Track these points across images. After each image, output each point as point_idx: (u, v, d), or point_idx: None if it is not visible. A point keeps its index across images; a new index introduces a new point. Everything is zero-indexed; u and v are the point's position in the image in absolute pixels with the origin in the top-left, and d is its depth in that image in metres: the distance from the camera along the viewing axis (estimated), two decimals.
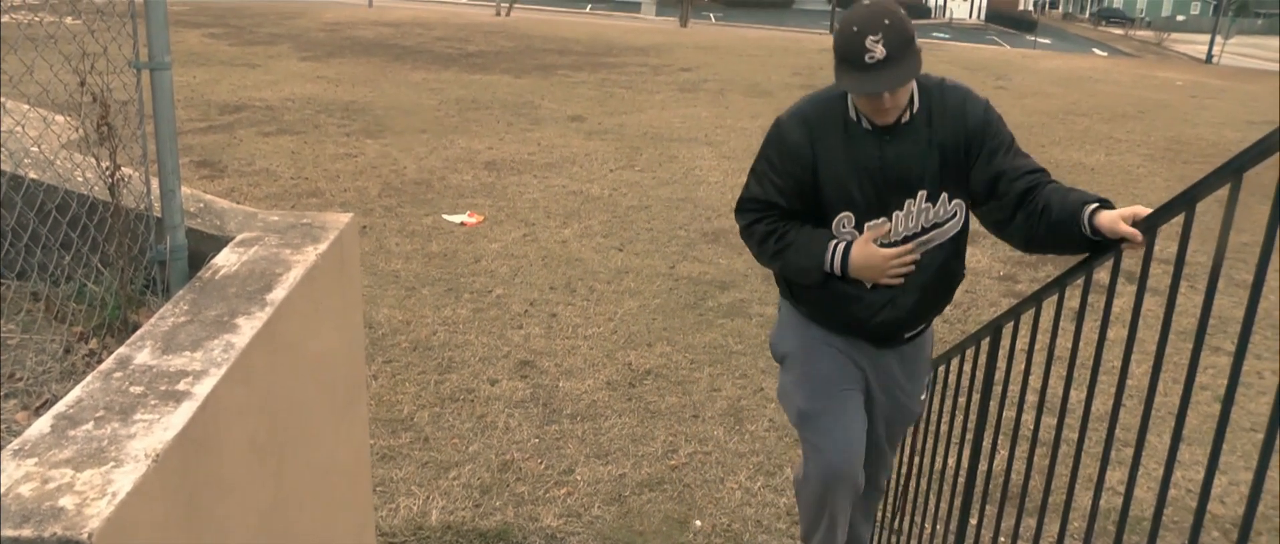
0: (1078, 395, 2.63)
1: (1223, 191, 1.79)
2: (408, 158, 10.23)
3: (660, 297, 6.66)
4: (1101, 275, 2.39)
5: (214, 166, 9.39)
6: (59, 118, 2.45)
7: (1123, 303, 2.07)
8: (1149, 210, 2.18)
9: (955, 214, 2.74)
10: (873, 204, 2.71)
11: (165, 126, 2.32)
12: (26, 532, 1.23)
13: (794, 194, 2.77)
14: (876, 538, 3.75)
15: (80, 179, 2.44)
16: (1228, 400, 1.70)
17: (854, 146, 2.69)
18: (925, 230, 2.74)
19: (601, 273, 7.07)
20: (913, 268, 2.75)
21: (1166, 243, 2.08)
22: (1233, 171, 1.74)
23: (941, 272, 2.82)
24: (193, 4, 24.21)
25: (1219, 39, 47.96)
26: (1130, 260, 2.31)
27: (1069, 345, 2.48)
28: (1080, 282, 2.43)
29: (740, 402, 5.18)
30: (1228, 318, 5.74)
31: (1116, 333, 2.19)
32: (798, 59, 22.09)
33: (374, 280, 6.60)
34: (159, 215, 2.40)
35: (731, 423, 4.94)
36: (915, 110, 2.68)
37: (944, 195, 2.71)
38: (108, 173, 2.25)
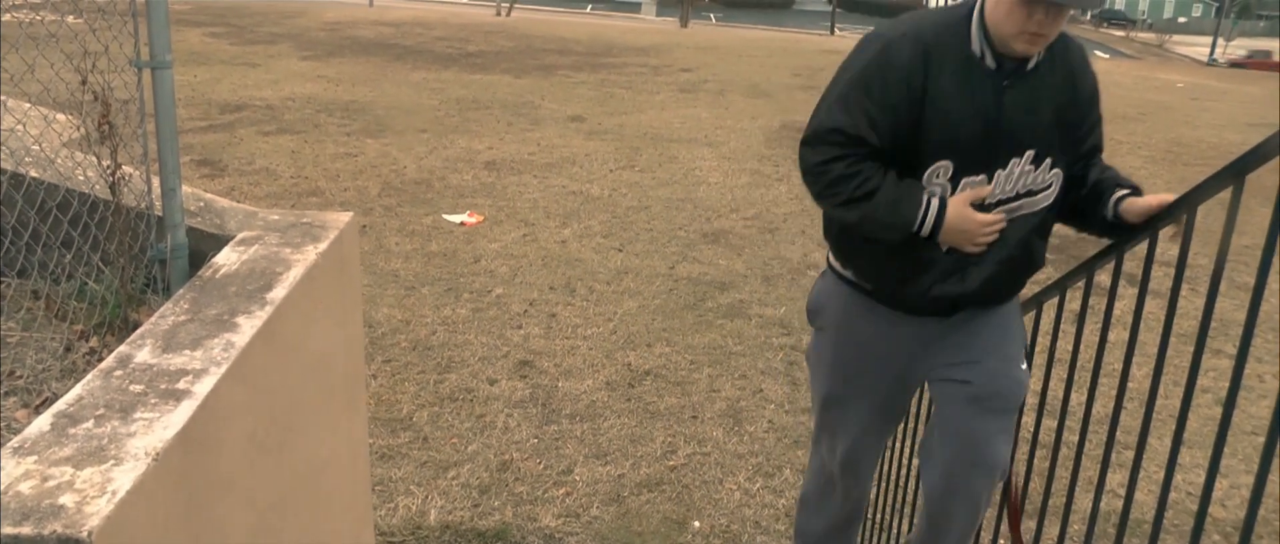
0: (1078, 398, 2.63)
1: (1224, 194, 1.79)
2: (408, 157, 10.23)
3: (660, 297, 6.66)
4: (1103, 278, 2.39)
5: (214, 165, 9.39)
6: (60, 116, 2.45)
7: (1124, 305, 2.06)
8: (1174, 197, 2.10)
9: (1051, 184, 2.41)
10: (977, 157, 2.33)
11: (166, 125, 2.32)
12: (26, 529, 1.23)
13: (888, 131, 2.31)
14: (871, 540, 3.75)
15: (81, 177, 2.44)
16: (1229, 403, 1.71)
17: (972, 84, 2.30)
18: (1019, 197, 2.39)
19: (601, 273, 7.07)
20: (996, 239, 2.40)
21: (1167, 246, 2.08)
22: (1234, 174, 1.74)
23: (1023, 248, 2.45)
24: (194, 3, 24.22)
25: (1221, 41, 47.99)
26: (1131, 263, 2.31)
27: (1070, 348, 2.48)
28: (1081, 284, 2.43)
29: (739, 402, 5.18)
30: (1229, 321, 5.74)
31: (1118, 335, 2.19)
32: (797, 60, 22.10)
33: (374, 280, 6.60)
34: (160, 214, 2.40)
35: (730, 424, 4.94)
36: (1040, 57, 2.33)
37: (1048, 161, 2.38)
38: (109, 171, 2.25)
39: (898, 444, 3.63)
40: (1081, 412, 2.32)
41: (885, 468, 3.71)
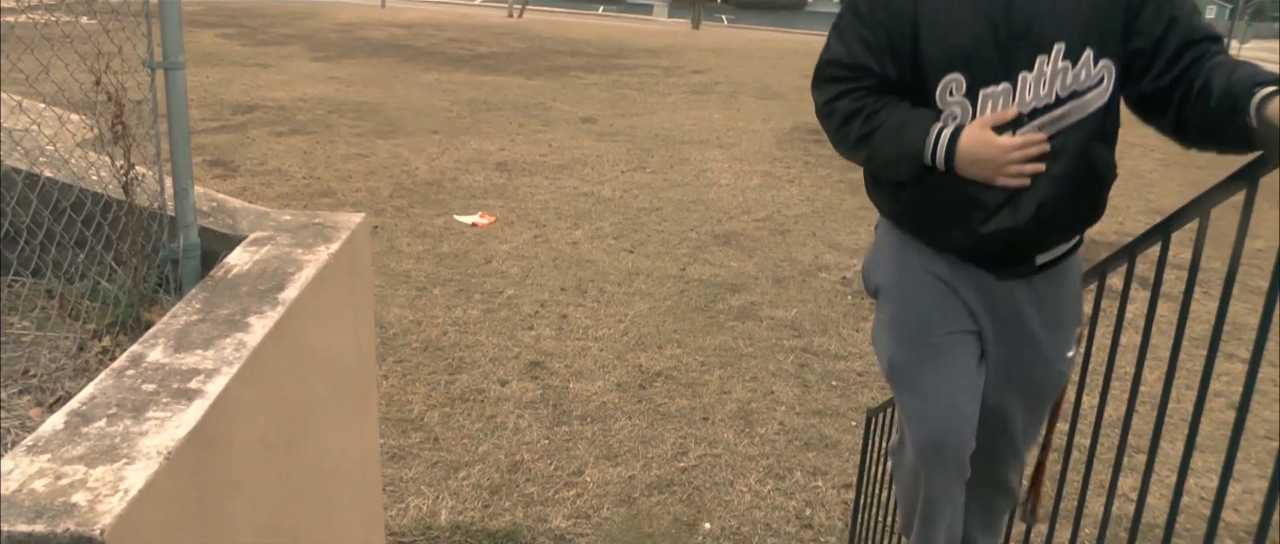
0: (1090, 401, 2.62)
1: (1238, 197, 1.78)
2: (419, 158, 10.24)
3: (671, 299, 6.66)
4: (1114, 281, 2.38)
5: (227, 166, 9.42)
6: (74, 116, 2.46)
7: (1136, 308, 2.06)
8: None
9: (1101, 80, 2.05)
10: (991, 62, 2.04)
11: (179, 126, 2.33)
12: (40, 527, 1.24)
13: (888, 53, 2.13)
14: None
15: (95, 177, 2.45)
16: (1242, 407, 1.70)
17: None
18: (1061, 101, 2.05)
19: (612, 274, 7.07)
20: (1041, 165, 2.06)
21: (1180, 249, 2.07)
22: (1248, 178, 1.73)
23: (1081, 160, 2.08)
24: (206, 4, 24.31)
25: (1235, 42, 47.82)
26: (1144, 265, 2.30)
27: (1081, 352, 2.47)
28: (1093, 287, 2.42)
29: (750, 404, 5.18)
30: (1242, 324, 5.72)
31: (1129, 338, 2.19)
32: (809, 61, 21.92)
33: (385, 280, 6.62)
34: (172, 214, 2.41)
35: (741, 425, 4.94)
36: None
37: (1088, 53, 2.03)
38: (122, 171, 2.26)
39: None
40: (1093, 415, 2.31)
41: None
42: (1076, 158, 2.07)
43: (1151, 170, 11.88)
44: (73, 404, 1.56)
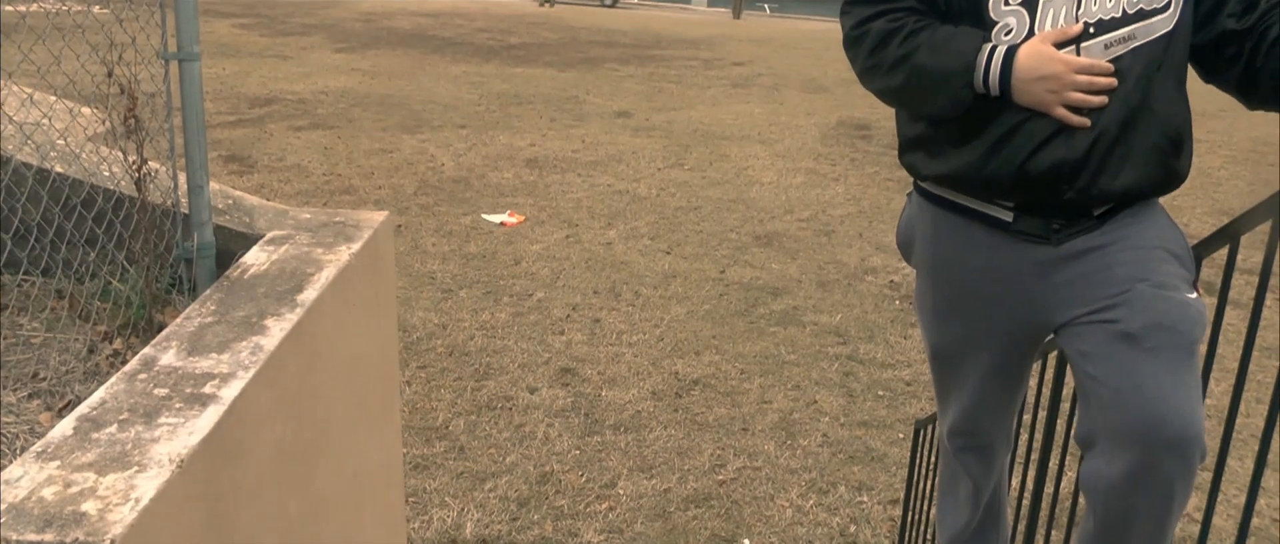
0: None
1: None
2: (446, 154, 10.29)
3: (709, 303, 6.65)
4: None
5: (243, 162, 9.50)
6: (86, 109, 2.49)
7: None
8: None
9: (1169, 4, 1.89)
10: None
11: (194, 120, 2.35)
12: (49, 537, 1.25)
13: None
14: None
15: (107, 173, 2.48)
16: None
17: None
18: (1128, 18, 1.88)
19: (647, 277, 7.07)
20: (1105, 98, 1.88)
21: (1250, 251, 2.05)
22: None
23: (1144, 91, 1.90)
24: None
25: None
26: (1210, 270, 2.27)
27: None
28: None
29: (792, 415, 5.16)
30: None
31: None
32: None
33: (409, 282, 6.65)
34: (186, 212, 2.44)
35: (783, 437, 4.93)
36: None
37: None
38: (134, 167, 2.29)
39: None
40: None
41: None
42: (1140, 88, 1.90)
43: (1219, 168, 11.75)
44: (83, 409, 1.58)
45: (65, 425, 1.53)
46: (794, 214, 8.81)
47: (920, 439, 3.85)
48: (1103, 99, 1.86)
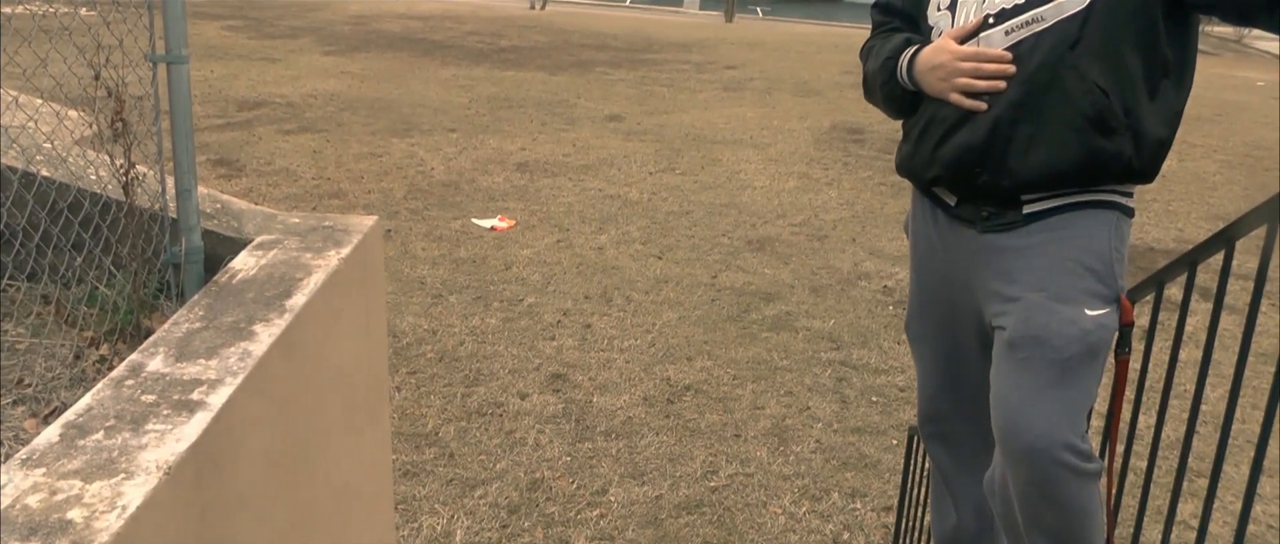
0: (1147, 421, 2.60)
1: None
2: (436, 158, 10.29)
3: (701, 308, 6.66)
4: (1173, 292, 2.36)
5: (232, 165, 9.49)
6: (72, 113, 2.48)
7: (1197, 321, 2.02)
8: None
9: None
10: None
11: (182, 123, 2.34)
12: None
13: None
14: None
15: (93, 177, 2.47)
16: None
17: None
18: (1031, 3, 1.97)
19: (639, 282, 7.07)
20: (1000, 83, 2.00)
21: (1245, 257, 2.06)
22: None
23: (1048, 73, 1.96)
24: None
25: None
26: (1205, 276, 2.28)
27: (1138, 367, 2.45)
28: (1150, 298, 2.40)
29: (785, 421, 5.17)
30: None
31: (1190, 354, 2.17)
32: (848, 57, 22.00)
33: (398, 287, 6.64)
34: (174, 216, 2.43)
35: (775, 443, 4.93)
36: None
37: None
38: (122, 171, 2.28)
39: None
40: (1150, 436, 2.30)
41: None
42: (1042, 71, 1.96)
43: (1214, 172, 11.78)
44: (69, 416, 1.57)
45: (51, 432, 1.52)
46: (786, 219, 8.82)
47: (914, 445, 3.86)
48: (996, 83, 1.99)
